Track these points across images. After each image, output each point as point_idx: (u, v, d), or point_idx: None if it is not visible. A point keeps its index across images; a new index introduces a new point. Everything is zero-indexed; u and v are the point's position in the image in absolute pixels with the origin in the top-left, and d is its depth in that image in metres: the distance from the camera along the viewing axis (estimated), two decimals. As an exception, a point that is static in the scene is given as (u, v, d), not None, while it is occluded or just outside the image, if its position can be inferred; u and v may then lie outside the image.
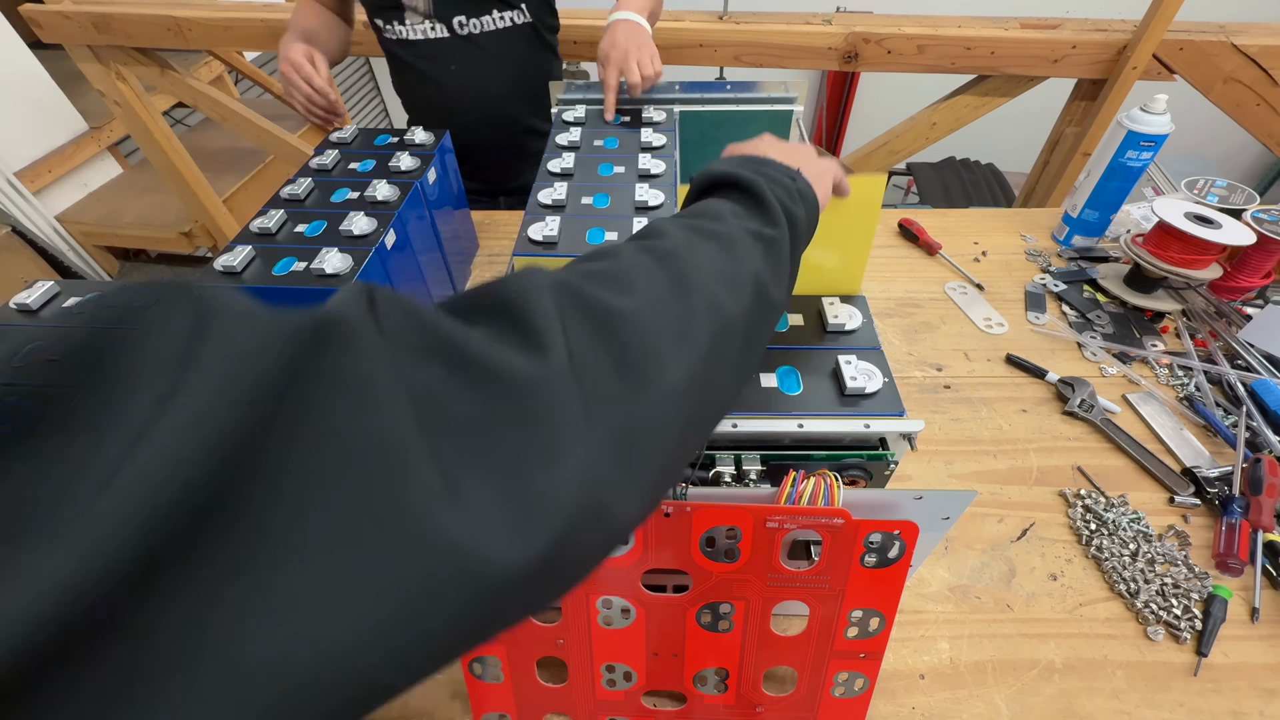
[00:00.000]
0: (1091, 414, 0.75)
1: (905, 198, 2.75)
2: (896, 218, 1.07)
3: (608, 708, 0.51)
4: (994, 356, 0.84)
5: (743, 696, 0.49)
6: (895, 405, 0.48)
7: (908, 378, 0.82)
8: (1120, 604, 0.60)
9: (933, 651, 0.57)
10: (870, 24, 1.36)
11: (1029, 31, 1.32)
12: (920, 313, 0.92)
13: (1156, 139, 0.89)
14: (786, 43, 1.37)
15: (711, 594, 0.44)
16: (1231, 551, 0.60)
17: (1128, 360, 0.83)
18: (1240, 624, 0.58)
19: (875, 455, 0.47)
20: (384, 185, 0.76)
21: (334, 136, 0.88)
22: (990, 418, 0.77)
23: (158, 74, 1.70)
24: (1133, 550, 0.62)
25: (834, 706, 0.49)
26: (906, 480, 0.71)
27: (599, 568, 0.30)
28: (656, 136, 0.81)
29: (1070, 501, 0.68)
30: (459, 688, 0.55)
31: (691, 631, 0.46)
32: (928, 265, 1.00)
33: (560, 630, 0.47)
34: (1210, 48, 1.25)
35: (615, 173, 0.75)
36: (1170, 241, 0.84)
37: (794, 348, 0.53)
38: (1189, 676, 0.55)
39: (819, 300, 0.56)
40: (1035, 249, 1.02)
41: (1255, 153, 3.03)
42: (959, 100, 1.46)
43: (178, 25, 1.52)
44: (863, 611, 0.44)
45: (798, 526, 0.40)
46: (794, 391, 0.49)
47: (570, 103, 0.91)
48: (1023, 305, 0.92)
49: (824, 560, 0.42)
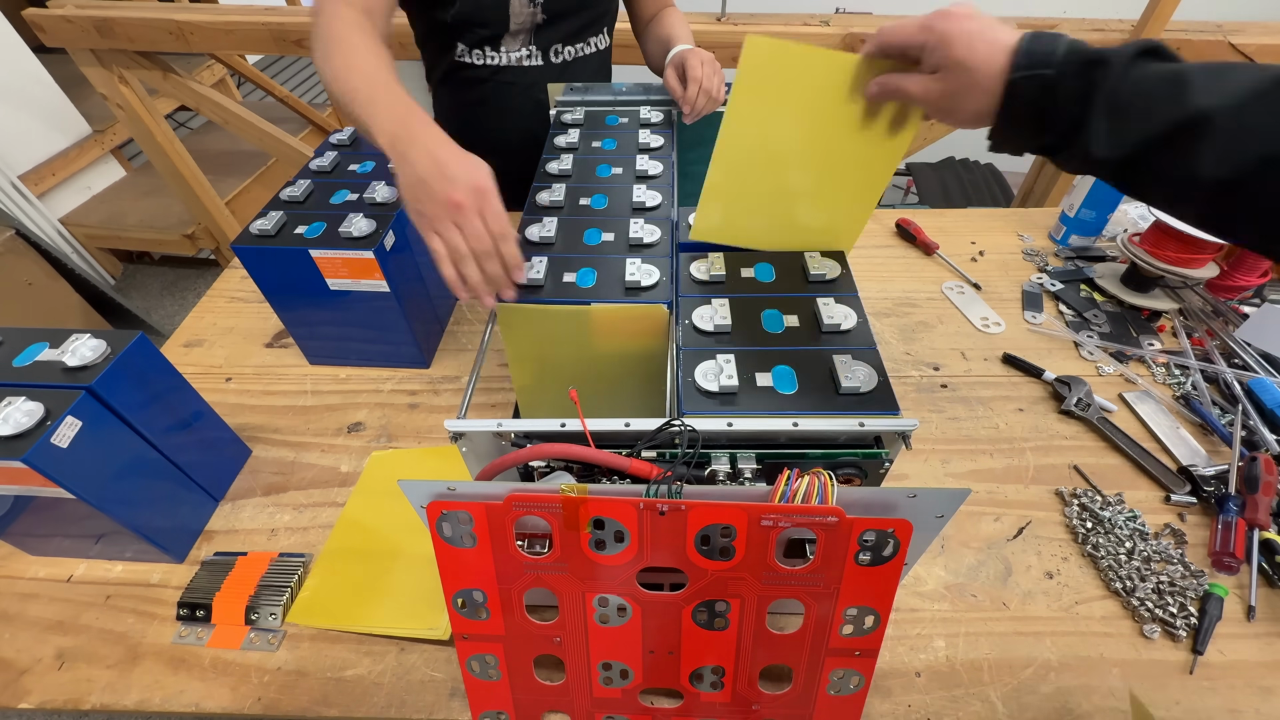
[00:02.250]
0: (1088, 413, 0.75)
1: (904, 198, 2.75)
2: (894, 218, 1.08)
3: (605, 705, 0.51)
4: (991, 356, 0.85)
5: (739, 694, 0.50)
6: (890, 404, 0.48)
7: (905, 377, 0.82)
8: (1116, 602, 0.60)
9: (929, 649, 0.57)
10: (869, 25, 1.36)
11: (1027, 32, 1.32)
12: (917, 312, 0.92)
13: (1153, 139, 0.89)
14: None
15: (707, 592, 0.45)
16: (1227, 550, 0.60)
17: (1124, 359, 0.83)
18: (1236, 622, 0.58)
19: (870, 454, 0.47)
20: (383, 187, 0.76)
21: (334, 138, 0.89)
22: (987, 417, 0.77)
23: (160, 77, 1.71)
24: (1129, 549, 0.63)
25: (830, 704, 0.49)
26: (903, 479, 0.71)
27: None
28: (654, 138, 0.81)
29: (1066, 500, 0.68)
30: (457, 686, 0.55)
31: (687, 630, 0.47)
32: (925, 265, 1.01)
33: (557, 628, 0.47)
34: (1207, 47, 1.25)
35: (613, 174, 0.75)
36: (1167, 240, 0.84)
37: (789, 348, 0.53)
38: (1185, 674, 0.55)
39: (814, 301, 0.57)
40: (1032, 248, 1.02)
41: (1256, 152, 3.02)
42: (957, 101, 1.47)
43: (180, 29, 1.53)
44: (858, 609, 0.44)
45: (792, 525, 0.40)
46: (789, 390, 0.49)
47: (569, 104, 0.92)
48: (1020, 304, 0.92)
49: (819, 558, 0.42)
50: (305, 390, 0.83)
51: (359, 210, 0.74)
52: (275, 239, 0.71)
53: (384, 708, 0.54)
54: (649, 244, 0.64)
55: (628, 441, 0.46)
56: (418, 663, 0.57)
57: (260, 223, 0.71)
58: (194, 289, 2.36)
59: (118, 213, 2.22)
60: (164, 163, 1.90)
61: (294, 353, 0.89)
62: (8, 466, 0.50)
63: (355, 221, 0.70)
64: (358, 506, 0.69)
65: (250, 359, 0.88)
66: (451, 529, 0.43)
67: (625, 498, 0.41)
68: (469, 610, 0.47)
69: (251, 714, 0.55)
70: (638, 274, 0.58)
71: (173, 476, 0.65)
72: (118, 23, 1.54)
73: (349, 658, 0.58)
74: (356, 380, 0.85)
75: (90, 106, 2.14)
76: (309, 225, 0.72)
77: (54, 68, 2.06)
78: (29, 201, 2.03)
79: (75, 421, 0.52)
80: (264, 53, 1.60)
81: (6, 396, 0.52)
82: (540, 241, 0.65)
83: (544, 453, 0.44)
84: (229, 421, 0.72)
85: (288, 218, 0.73)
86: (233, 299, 0.99)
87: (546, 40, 0.95)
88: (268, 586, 0.61)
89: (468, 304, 0.93)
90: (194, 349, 0.90)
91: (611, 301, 0.57)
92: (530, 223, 0.67)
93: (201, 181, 2.02)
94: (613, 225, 0.67)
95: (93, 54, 1.63)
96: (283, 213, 0.73)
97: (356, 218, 0.71)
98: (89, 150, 2.22)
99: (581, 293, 0.58)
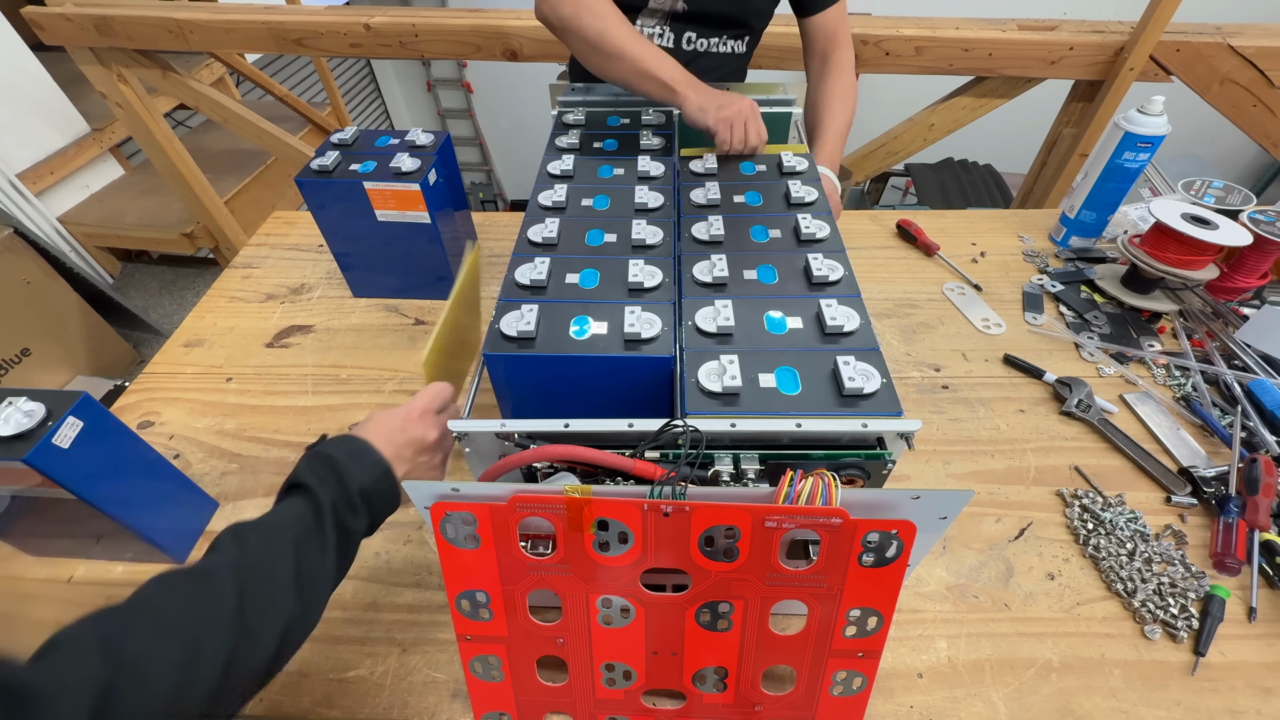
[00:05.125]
0: (1089, 414, 0.75)
1: (903, 199, 2.75)
2: (895, 219, 1.08)
3: (607, 706, 0.51)
4: (992, 357, 0.85)
5: (742, 695, 0.50)
6: (893, 405, 0.48)
7: (906, 378, 0.82)
8: (1117, 603, 0.60)
9: (931, 650, 0.57)
10: (868, 26, 1.36)
11: (1026, 33, 1.33)
12: (918, 313, 0.92)
13: (1153, 140, 0.90)
14: (785, 45, 1.37)
15: (710, 593, 0.45)
16: (1229, 551, 0.61)
17: (1125, 360, 0.83)
18: (1237, 623, 0.58)
19: (873, 455, 0.47)
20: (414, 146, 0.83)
21: (335, 137, 0.89)
22: (988, 418, 0.77)
23: (159, 76, 1.71)
24: (1130, 550, 0.63)
25: (832, 705, 0.49)
26: (904, 480, 0.71)
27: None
28: (656, 140, 0.81)
29: (1068, 501, 0.68)
30: (459, 687, 0.55)
31: (691, 631, 0.47)
32: (926, 266, 1.01)
33: (560, 629, 0.47)
34: (1207, 49, 1.25)
35: (615, 175, 0.75)
36: (1167, 242, 0.84)
37: (792, 349, 0.53)
38: (1186, 675, 0.55)
39: (817, 303, 0.57)
40: (1033, 250, 1.03)
41: (1252, 154, 3.03)
42: (957, 101, 1.47)
43: (179, 27, 1.53)
44: (861, 610, 0.44)
45: (796, 526, 0.40)
46: (792, 391, 0.49)
47: (571, 105, 0.91)
48: (1020, 306, 0.92)
49: (822, 559, 0.42)
50: (306, 390, 0.83)
51: (404, 150, 0.85)
52: (332, 174, 0.82)
53: (386, 709, 0.54)
54: (651, 245, 0.64)
55: (631, 442, 0.46)
56: (420, 664, 0.57)
57: (319, 160, 0.83)
58: (193, 288, 2.36)
59: (116, 211, 2.21)
60: (163, 161, 1.90)
61: (294, 352, 0.88)
62: (9, 467, 0.49)
63: (402, 159, 0.82)
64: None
65: (251, 359, 0.88)
66: (455, 530, 0.43)
67: (629, 499, 0.41)
68: (472, 611, 0.47)
69: (253, 715, 0.54)
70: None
71: (173, 477, 0.65)
72: (117, 21, 1.53)
73: (351, 659, 0.57)
74: (357, 380, 0.84)
75: (89, 105, 2.13)
76: (362, 163, 0.83)
77: (52, 66, 2.05)
78: (27, 200, 2.02)
79: (76, 422, 0.52)
80: (263, 51, 1.60)
81: (8, 397, 0.52)
82: (543, 242, 0.65)
83: (549, 454, 0.44)
84: (229, 421, 0.72)
85: (343, 156, 0.84)
86: (233, 299, 0.99)
87: (682, 25, 0.95)
88: (269, 587, 0.61)
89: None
90: (194, 349, 0.90)
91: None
92: (533, 223, 0.66)
93: (200, 180, 2.01)
94: (615, 226, 0.67)
95: (92, 52, 1.63)
96: (339, 152, 0.84)
97: (403, 155, 0.81)
98: (87, 149, 2.21)
99: (585, 293, 0.58)
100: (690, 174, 0.77)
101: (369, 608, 0.61)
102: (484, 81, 3.62)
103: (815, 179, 0.74)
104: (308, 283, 1.01)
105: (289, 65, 2.96)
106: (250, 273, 1.04)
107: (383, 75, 3.64)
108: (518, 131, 3.79)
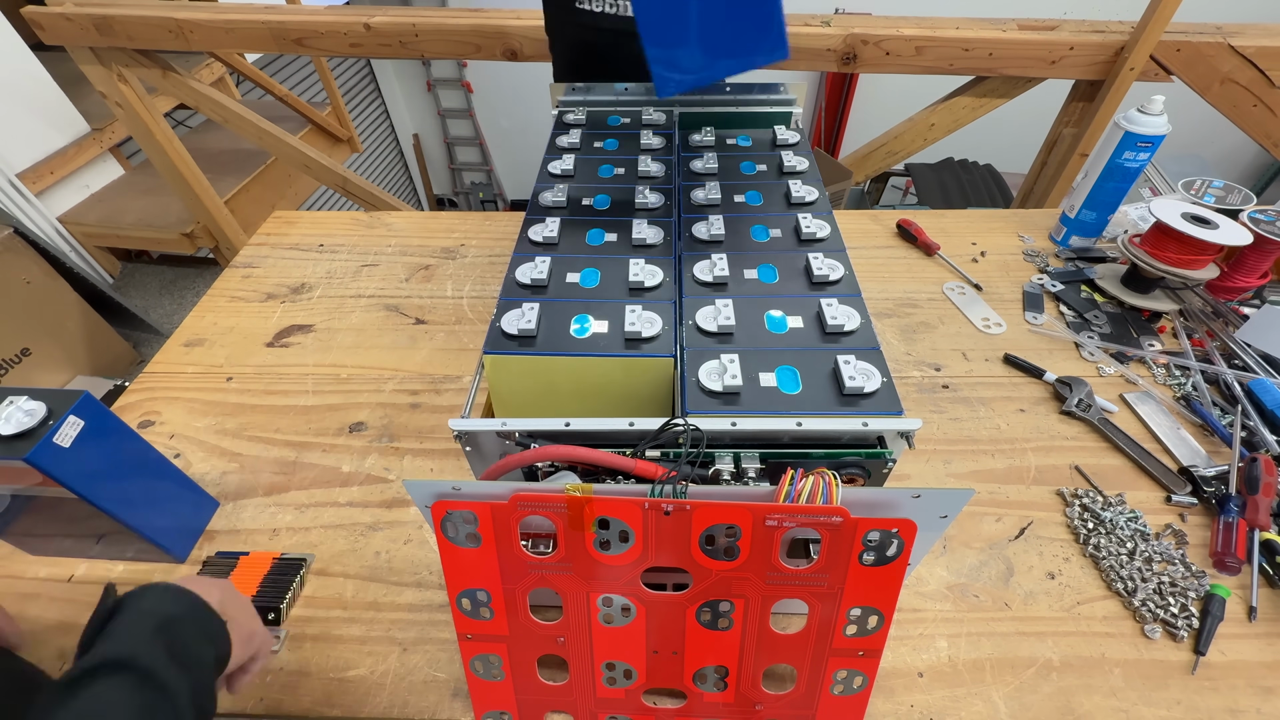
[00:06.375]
0: (1089, 413, 0.75)
1: (904, 198, 2.75)
2: (895, 218, 1.08)
3: (608, 706, 0.51)
4: (992, 356, 0.85)
5: (742, 694, 0.50)
6: (893, 404, 0.48)
7: (906, 377, 0.82)
8: (1118, 602, 0.60)
9: (931, 649, 0.57)
10: (869, 25, 1.36)
11: (1027, 33, 1.33)
12: (918, 313, 0.92)
13: (1153, 140, 0.90)
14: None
15: (711, 592, 0.45)
16: (1229, 550, 0.61)
17: (1125, 360, 0.83)
18: (1238, 622, 0.58)
19: (873, 454, 0.47)
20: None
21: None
22: (988, 417, 0.77)
23: (159, 76, 1.71)
24: (1130, 549, 0.63)
25: (833, 704, 0.49)
26: (905, 479, 0.71)
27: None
28: (656, 139, 0.81)
29: (1068, 500, 0.68)
30: (460, 686, 0.55)
31: (691, 629, 0.47)
32: (926, 266, 1.01)
33: (561, 628, 0.47)
34: (1207, 49, 1.25)
35: (615, 174, 0.75)
36: (1167, 242, 0.84)
37: (793, 348, 0.53)
38: (1186, 675, 0.55)
39: (818, 302, 0.57)
40: (1033, 249, 1.03)
41: (1252, 153, 3.03)
42: (957, 101, 1.47)
43: (179, 27, 1.53)
44: (861, 609, 0.44)
45: (797, 525, 0.41)
46: (793, 391, 0.49)
47: (571, 105, 0.92)
48: (1020, 305, 0.92)
49: (823, 558, 0.42)
50: (306, 390, 0.83)
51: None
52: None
53: (386, 708, 0.54)
54: (652, 244, 0.64)
55: (631, 441, 0.46)
56: (420, 663, 0.57)
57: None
58: (193, 288, 2.36)
59: (116, 211, 2.21)
60: (163, 161, 1.89)
61: (294, 352, 0.88)
62: (10, 466, 0.49)
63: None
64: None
65: (251, 358, 0.88)
66: (455, 529, 0.43)
67: (630, 498, 0.41)
68: (473, 610, 0.47)
69: (254, 714, 0.55)
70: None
71: (174, 476, 0.65)
72: (117, 21, 1.53)
73: (351, 658, 0.57)
74: (358, 380, 0.84)
75: (89, 105, 2.13)
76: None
77: (52, 66, 2.05)
78: (27, 200, 2.02)
79: (77, 421, 0.52)
80: (264, 51, 1.60)
81: (8, 396, 0.51)
82: (544, 241, 0.65)
83: (550, 454, 0.44)
84: (229, 421, 0.72)
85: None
86: (233, 298, 0.99)
87: None
88: (269, 587, 0.61)
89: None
90: (195, 348, 0.90)
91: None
92: (533, 223, 0.67)
93: (200, 180, 2.01)
94: (615, 226, 0.67)
95: (91, 52, 1.63)
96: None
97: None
98: (87, 149, 2.20)
99: (585, 292, 0.59)
100: (689, 145, 0.78)
101: (369, 607, 0.61)
102: (484, 81, 3.62)
103: (816, 179, 0.74)
104: (308, 282, 1.01)
105: (289, 65, 2.96)
106: (250, 272, 1.04)
107: (383, 75, 3.64)
108: (518, 131, 3.80)
